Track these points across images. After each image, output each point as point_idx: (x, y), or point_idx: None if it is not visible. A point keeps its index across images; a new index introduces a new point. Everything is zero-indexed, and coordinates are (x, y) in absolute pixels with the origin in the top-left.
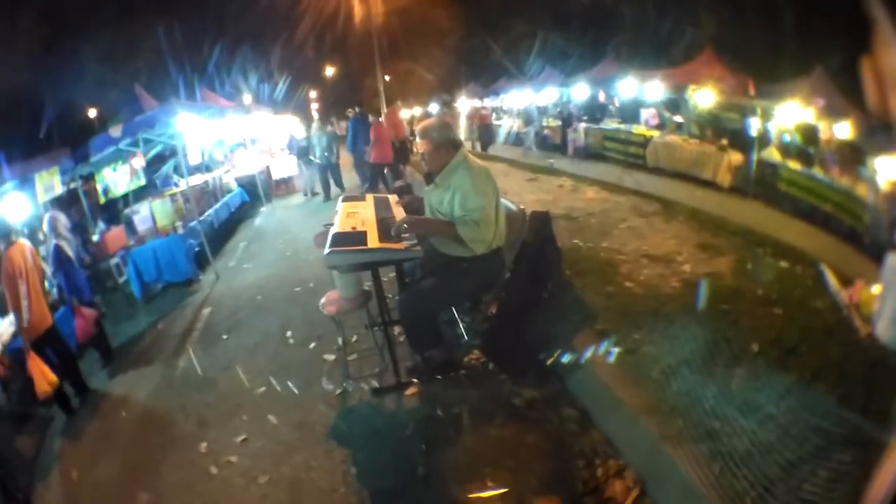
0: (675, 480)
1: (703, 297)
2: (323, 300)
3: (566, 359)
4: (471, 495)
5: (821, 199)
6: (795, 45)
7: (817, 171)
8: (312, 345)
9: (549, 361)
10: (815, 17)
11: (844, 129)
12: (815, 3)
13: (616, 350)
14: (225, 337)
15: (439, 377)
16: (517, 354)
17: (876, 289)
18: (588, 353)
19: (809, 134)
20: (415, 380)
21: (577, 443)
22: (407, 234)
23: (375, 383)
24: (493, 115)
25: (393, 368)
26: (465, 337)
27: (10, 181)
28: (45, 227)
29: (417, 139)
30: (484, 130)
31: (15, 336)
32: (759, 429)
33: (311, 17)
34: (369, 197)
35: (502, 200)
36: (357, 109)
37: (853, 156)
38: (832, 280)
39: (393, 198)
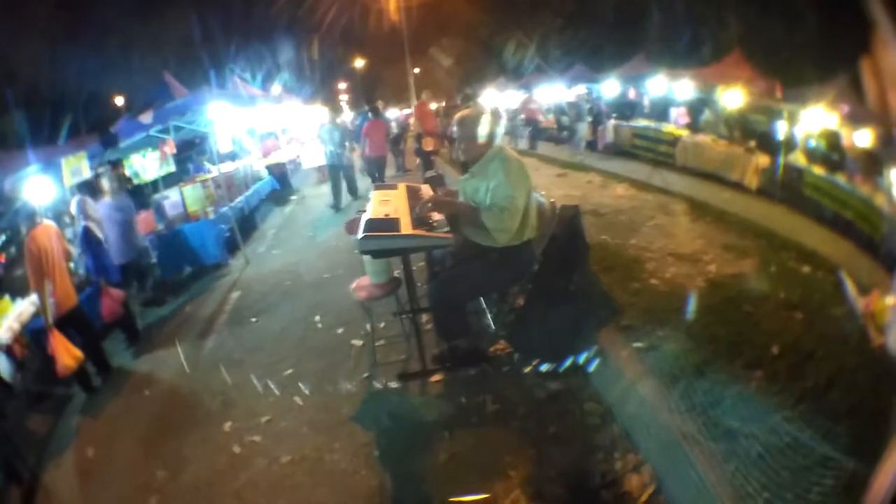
0: (690, 478)
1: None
2: (353, 285)
3: (590, 353)
4: (491, 483)
5: (842, 206)
6: (821, 49)
7: (840, 178)
8: (340, 330)
9: (574, 355)
10: (840, 20)
11: (865, 137)
12: (840, 6)
13: (640, 346)
14: (253, 320)
15: (465, 366)
16: (542, 347)
17: (890, 299)
18: (612, 348)
19: (833, 140)
20: (440, 368)
21: (597, 436)
22: (434, 216)
23: (401, 370)
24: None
25: (419, 356)
26: (492, 327)
27: (34, 164)
28: (74, 209)
29: (454, 129)
30: (532, 124)
31: (35, 316)
32: (774, 431)
33: (340, 8)
34: (401, 185)
35: (533, 194)
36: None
37: (872, 165)
38: (851, 288)
39: (426, 187)
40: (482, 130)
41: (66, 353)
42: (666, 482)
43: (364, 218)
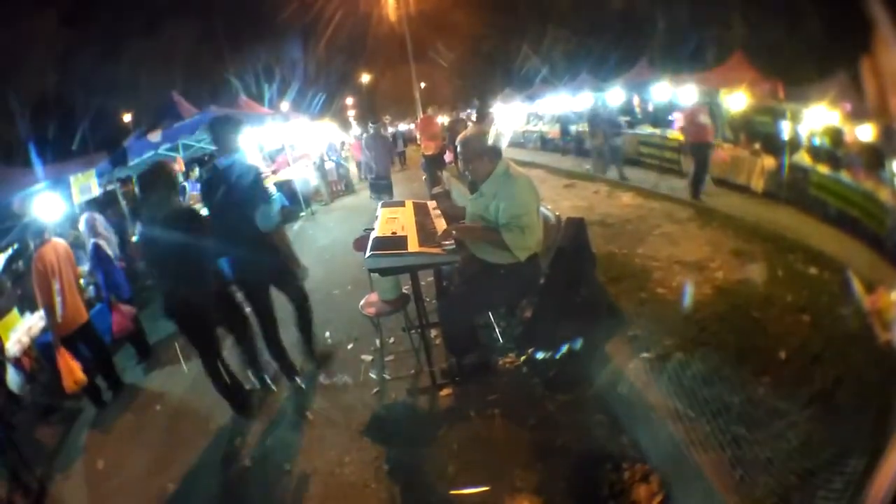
0: (698, 486)
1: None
2: (362, 302)
3: (598, 364)
4: (500, 495)
5: (848, 203)
6: (822, 47)
7: (844, 175)
8: (350, 345)
9: (582, 367)
10: (841, 16)
11: (867, 132)
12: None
13: (647, 356)
14: None
15: (474, 380)
16: (550, 359)
17: (895, 294)
18: (620, 359)
19: (836, 137)
20: (449, 382)
21: (605, 447)
22: (450, 241)
23: (411, 384)
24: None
25: (428, 370)
26: (501, 341)
27: (43, 182)
28: (83, 227)
29: (458, 150)
30: (699, 151)
31: (45, 331)
32: (781, 436)
33: (346, 25)
34: (409, 202)
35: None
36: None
37: (875, 159)
38: (857, 286)
39: (432, 203)
40: (486, 148)
41: (70, 375)
42: (674, 491)
43: (372, 236)
